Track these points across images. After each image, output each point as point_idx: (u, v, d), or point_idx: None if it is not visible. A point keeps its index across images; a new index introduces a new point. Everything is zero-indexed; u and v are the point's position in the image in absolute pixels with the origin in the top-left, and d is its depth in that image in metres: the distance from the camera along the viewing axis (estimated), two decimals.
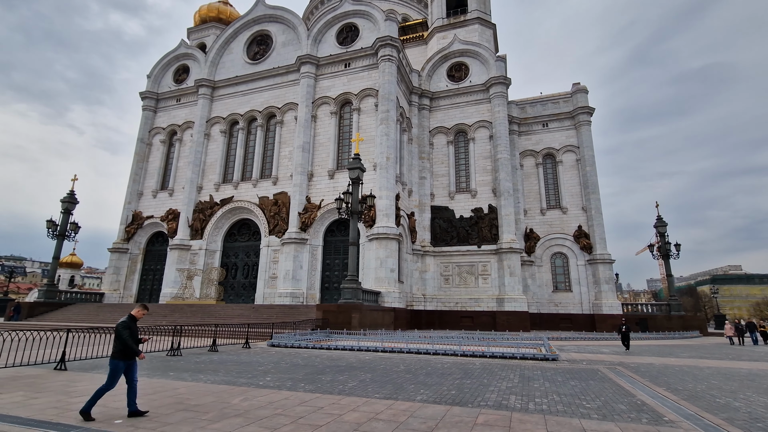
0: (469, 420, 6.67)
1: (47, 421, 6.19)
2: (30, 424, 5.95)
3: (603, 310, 40.35)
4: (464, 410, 7.36)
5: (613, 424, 6.66)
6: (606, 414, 7.32)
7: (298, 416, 6.71)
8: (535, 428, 6.30)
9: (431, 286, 40.35)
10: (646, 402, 8.39)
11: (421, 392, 8.92)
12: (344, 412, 7.06)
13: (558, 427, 6.41)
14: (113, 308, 35.64)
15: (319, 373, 11.39)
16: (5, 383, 8.97)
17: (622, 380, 11.05)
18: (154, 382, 9.45)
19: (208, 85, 44.86)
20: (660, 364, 14.82)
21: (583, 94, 47.25)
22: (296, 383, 9.73)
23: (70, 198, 37.03)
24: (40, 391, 8.29)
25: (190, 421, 6.31)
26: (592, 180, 44.34)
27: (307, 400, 7.87)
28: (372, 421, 6.46)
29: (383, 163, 35.56)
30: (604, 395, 9.00)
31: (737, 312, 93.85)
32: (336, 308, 26.12)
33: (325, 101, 40.03)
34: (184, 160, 44.19)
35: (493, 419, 6.77)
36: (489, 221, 40.68)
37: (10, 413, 6.54)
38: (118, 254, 42.98)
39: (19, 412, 6.66)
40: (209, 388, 8.87)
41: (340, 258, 36.85)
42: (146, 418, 6.40)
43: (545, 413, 7.28)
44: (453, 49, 46.26)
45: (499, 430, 6.19)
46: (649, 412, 7.51)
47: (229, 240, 41.31)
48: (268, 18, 45.16)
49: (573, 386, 10.06)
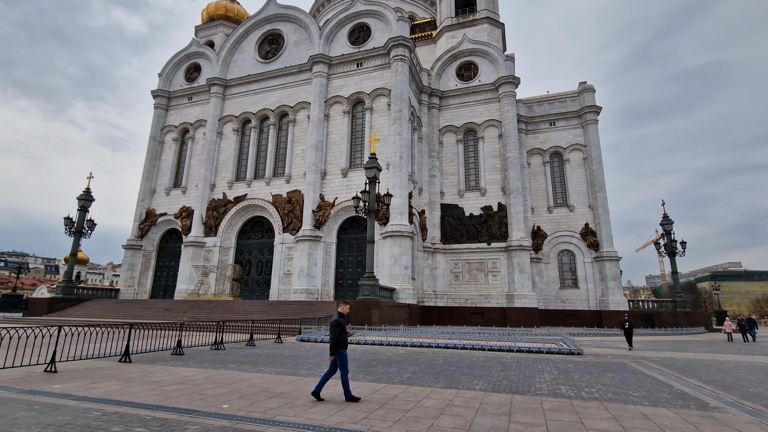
0: (536, 406, 7.34)
1: (197, 410, 6.80)
2: (186, 412, 6.56)
3: (610, 307, 41.12)
4: (526, 398, 8.03)
5: (666, 410, 7.33)
6: (655, 401, 8.01)
7: (382, 402, 7.36)
8: (599, 413, 6.97)
9: (441, 283, 41.08)
10: (686, 391, 9.08)
11: (475, 383, 9.59)
12: (420, 399, 7.71)
13: (619, 411, 7.08)
14: (132, 304, 36.22)
15: (368, 365, 12.04)
16: (87, 374, 9.58)
17: (654, 372, 11.76)
18: (224, 373, 10.08)
19: (220, 83, 45.27)
20: (681, 359, 15.55)
21: (590, 93, 47.88)
22: (354, 374, 10.36)
23: (86, 195, 37.53)
24: (128, 381, 8.90)
25: (288, 406, 6.95)
26: (599, 178, 45.03)
27: (377, 389, 8.52)
28: (451, 407, 7.12)
29: (396, 162, 36.14)
30: (644, 385, 9.68)
31: (737, 309, 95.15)
32: (356, 305, 26.73)
33: (338, 100, 40.54)
34: (196, 158, 44.68)
35: (557, 405, 7.44)
36: (498, 219, 41.38)
37: (145, 401, 7.15)
38: (133, 251, 43.51)
39: (150, 400, 7.27)
40: (280, 379, 9.52)
41: (354, 255, 37.50)
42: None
43: (600, 400, 7.96)
44: (462, 49, 46.78)
45: (569, 414, 6.86)
46: (692, 400, 8.20)
47: (243, 237, 41.88)
48: (280, 17, 45.54)
49: (611, 378, 10.75)
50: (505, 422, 6.26)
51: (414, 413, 6.66)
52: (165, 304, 35.16)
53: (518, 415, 6.68)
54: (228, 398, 7.44)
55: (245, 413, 6.42)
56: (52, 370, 9.63)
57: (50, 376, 9.27)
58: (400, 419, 6.28)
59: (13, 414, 6.03)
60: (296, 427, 5.73)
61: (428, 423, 6.10)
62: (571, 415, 6.78)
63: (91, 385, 8.40)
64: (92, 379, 8.96)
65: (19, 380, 8.70)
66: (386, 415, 6.53)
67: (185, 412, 6.38)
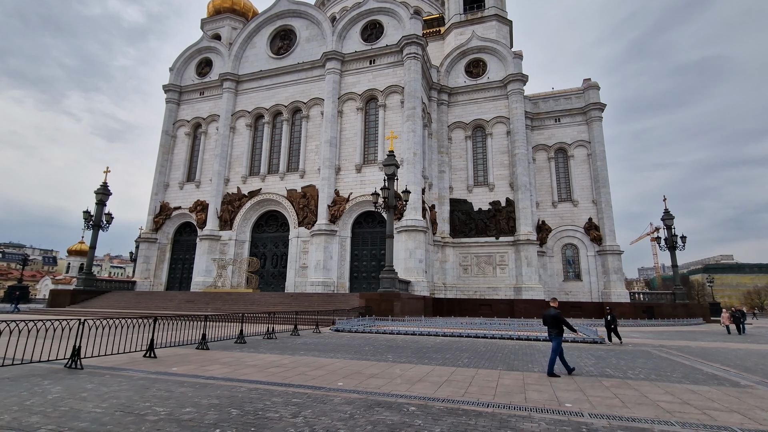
0: (598, 384, 8.57)
1: (320, 386, 7.91)
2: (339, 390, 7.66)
3: (612, 299, 42.77)
4: (585, 378, 9.28)
5: (707, 387, 8.60)
6: (694, 381, 9.28)
7: (464, 381, 8.54)
8: (653, 389, 8.21)
9: (451, 276, 42.43)
10: (716, 373, 10.39)
11: (530, 366, 10.83)
12: (493, 379, 8.90)
13: (670, 388, 8.33)
14: (152, 296, 37.15)
15: (422, 353, 13.22)
16: (183, 359, 10.63)
17: (678, 358, 13.09)
18: (304, 359, 11.19)
19: (233, 79, 45.82)
20: (696, 347, 16.96)
21: (595, 91, 49.12)
22: (413, 359, 11.54)
23: (104, 189, 38.16)
24: (228, 365, 9.98)
25: (401, 382, 8.10)
26: (603, 174, 46.45)
27: (451, 372, 9.70)
28: (527, 386, 8.31)
29: (410, 158, 37.17)
30: (677, 369, 10.98)
31: (728, 301, 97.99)
32: (378, 297, 27.98)
33: (351, 97, 41.36)
34: (210, 153, 45.36)
35: (615, 384, 8.68)
36: (506, 214, 42.70)
37: (268, 380, 8.24)
38: (147, 244, 44.30)
39: (269, 378, 8.36)
40: (359, 363, 10.65)
41: (368, 249, 38.66)
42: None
43: (647, 380, 9.22)
44: (471, 46, 47.67)
45: (629, 389, 8.09)
46: (724, 380, 9.48)
47: (257, 231, 42.82)
48: (292, 13, 46.04)
49: (643, 362, 12.04)
50: (582, 396, 7.46)
51: (501, 389, 7.84)
52: (185, 296, 36.12)
53: (589, 391, 7.90)
54: (332, 378, 8.55)
55: (375, 389, 7.55)
56: (152, 355, 10.68)
57: (153, 361, 10.33)
58: (494, 394, 7.45)
59: (174, 390, 7.11)
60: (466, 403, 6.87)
61: (521, 396, 7.28)
62: (631, 390, 8.01)
63: (202, 367, 9.49)
64: (195, 363, 10.04)
65: (130, 364, 9.75)
66: (481, 390, 7.69)
67: (314, 388, 7.50)
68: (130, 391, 6.96)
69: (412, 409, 6.23)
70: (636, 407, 6.68)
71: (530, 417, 5.94)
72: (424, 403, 6.62)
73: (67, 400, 6.26)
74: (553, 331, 9.77)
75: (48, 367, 9.09)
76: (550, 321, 9.90)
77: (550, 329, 9.93)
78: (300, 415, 5.68)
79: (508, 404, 6.66)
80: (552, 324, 9.83)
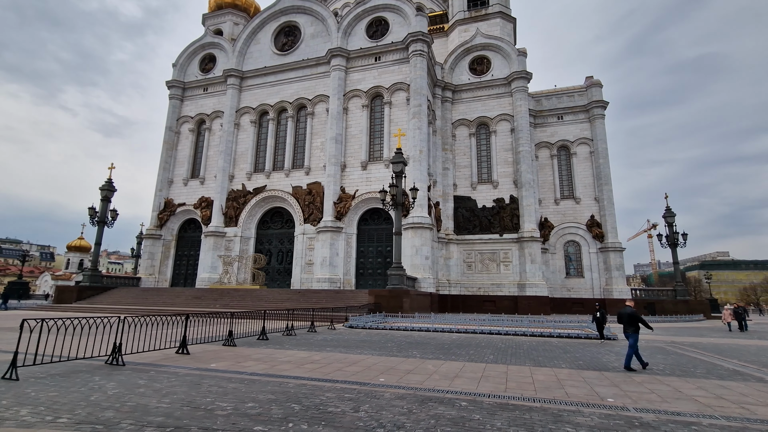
0: (629, 380, 8.83)
1: (365, 381, 8.10)
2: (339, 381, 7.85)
3: (613, 295, 43.19)
4: (614, 374, 9.53)
5: (735, 382, 8.87)
6: (720, 376, 9.55)
7: (499, 377, 8.77)
8: (685, 384, 8.46)
9: (455, 272, 42.72)
10: (738, 369, 10.67)
11: (555, 362, 11.07)
12: (526, 375, 9.14)
13: (699, 383, 8.59)
14: (158, 292, 37.19)
15: (446, 349, 13.44)
16: (215, 355, 10.79)
17: (695, 354, 13.40)
18: (335, 355, 11.38)
19: (237, 75, 45.71)
20: (708, 343, 17.29)
21: (598, 89, 49.36)
22: (440, 356, 11.75)
23: (109, 186, 38.11)
24: (262, 361, 10.15)
25: (449, 378, 8.31)
26: (605, 172, 46.78)
27: (483, 368, 9.93)
28: (562, 381, 8.55)
29: (416, 156, 37.32)
30: (699, 365, 11.26)
31: (724, 297, 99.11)
32: (388, 293, 28.21)
33: (356, 94, 41.40)
34: (214, 149, 45.31)
35: (645, 379, 8.94)
36: (510, 211, 42.99)
37: (309, 375, 8.42)
38: (152, 240, 44.29)
39: (310, 374, 8.55)
40: (389, 359, 10.86)
41: (374, 246, 38.85)
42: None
43: (675, 375, 9.48)
44: (475, 43, 47.76)
45: (661, 384, 8.34)
46: (748, 376, 9.76)
47: (262, 227, 42.91)
48: (296, 9, 45.91)
49: (663, 358, 12.32)
50: (619, 390, 7.71)
51: (539, 385, 8.07)
52: (192, 292, 36.21)
53: (624, 386, 8.15)
54: (370, 374, 8.75)
55: (417, 384, 7.75)
56: (185, 352, 10.84)
57: (188, 357, 10.49)
58: (535, 389, 7.67)
59: (226, 386, 7.28)
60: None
61: (562, 392, 7.51)
62: (663, 386, 8.26)
63: (238, 363, 9.67)
64: (229, 360, 10.21)
65: (167, 360, 9.90)
66: (519, 386, 7.92)
67: (359, 384, 7.70)
68: (183, 387, 7.12)
69: (464, 404, 6.44)
70: (675, 402, 6.92)
71: (580, 411, 6.16)
72: (472, 398, 6.83)
73: (129, 395, 6.42)
74: (630, 329, 10.33)
75: (89, 363, 9.23)
76: (627, 319, 10.43)
77: (626, 326, 10.45)
78: (361, 410, 5.88)
79: (552, 399, 6.89)
80: (628, 322, 10.39)
